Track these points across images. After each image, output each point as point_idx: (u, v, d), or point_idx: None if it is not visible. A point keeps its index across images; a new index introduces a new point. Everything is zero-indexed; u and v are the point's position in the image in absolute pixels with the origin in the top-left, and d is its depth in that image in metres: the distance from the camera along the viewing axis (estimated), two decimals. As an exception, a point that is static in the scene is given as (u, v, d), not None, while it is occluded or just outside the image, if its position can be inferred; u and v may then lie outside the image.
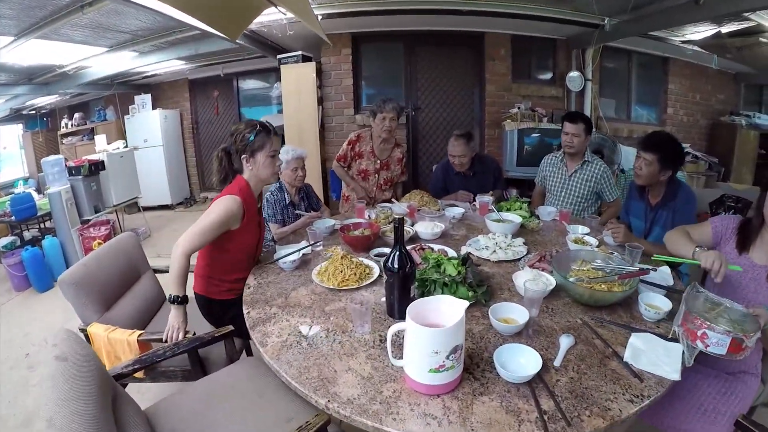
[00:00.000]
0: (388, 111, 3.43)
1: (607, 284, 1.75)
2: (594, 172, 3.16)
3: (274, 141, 2.09)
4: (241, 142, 2.04)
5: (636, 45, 5.74)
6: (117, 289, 2.30)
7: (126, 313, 2.25)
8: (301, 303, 1.79)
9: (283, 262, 2.11)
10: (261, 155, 2.06)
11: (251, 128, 2.04)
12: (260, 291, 1.92)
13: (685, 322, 1.44)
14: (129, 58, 5.69)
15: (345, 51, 5.43)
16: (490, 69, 5.44)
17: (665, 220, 2.53)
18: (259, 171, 2.09)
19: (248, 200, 2.07)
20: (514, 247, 2.19)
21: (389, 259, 1.51)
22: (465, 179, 3.62)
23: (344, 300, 1.79)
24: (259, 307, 1.77)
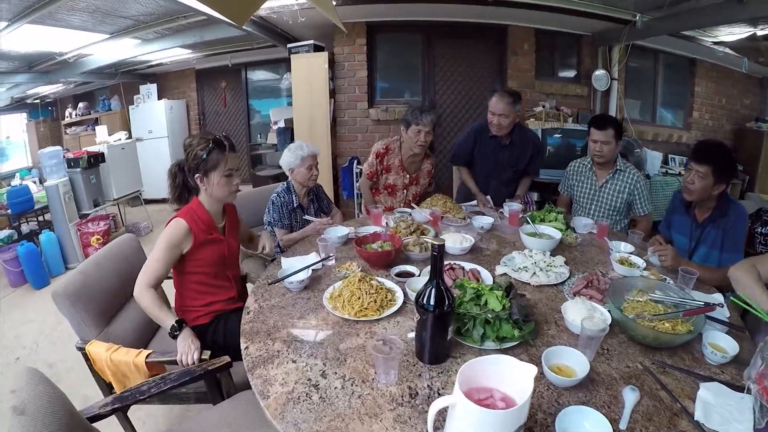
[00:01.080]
0: (425, 124, 2.97)
1: (671, 322, 1.49)
2: (627, 182, 2.86)
3: (230, 159, 1.88)
4: (194, 160, 1.85)
5: (663, 44, 5.45)
6: (118, 299, 2.07)
7: (129, 326, 2.04)
8: (311, 338, 1.51)
9: (289, 282, 1.84)
10: (215, 175, 1.86)
11: (204, 144, 1.83)
12: (261, 318, 1.65)
13: (761, 378, 1.18)
14: (131, 45, 5.49)
15: (359, 41, 5.15)
16: (512, 64, 5.16)
17: (713, 239, 2.27)
18: (214, 192, 1.90)
19: (198, 221, 1.90)
20: (555, 268, 1.93)
21: (424, 295, 1.24)
22: (499, 147, 3.18)
23: (363, 334, 1.51)
24: (259, 340, 1.50)
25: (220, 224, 2.04)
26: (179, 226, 1.83)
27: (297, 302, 1.76)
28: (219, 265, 2.01)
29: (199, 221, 1.89)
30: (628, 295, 1.65)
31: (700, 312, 1.49)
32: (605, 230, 2.47)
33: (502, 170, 3.25)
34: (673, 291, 1.63)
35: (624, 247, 2.24)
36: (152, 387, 1.52)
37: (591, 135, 2.86)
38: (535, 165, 3.31)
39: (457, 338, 1.39)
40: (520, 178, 3.34)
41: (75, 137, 7.93)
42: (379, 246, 2.11)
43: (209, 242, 1.93)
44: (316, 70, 5.06)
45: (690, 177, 2.22)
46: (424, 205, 2.94)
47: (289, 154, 2.78)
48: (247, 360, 1.39)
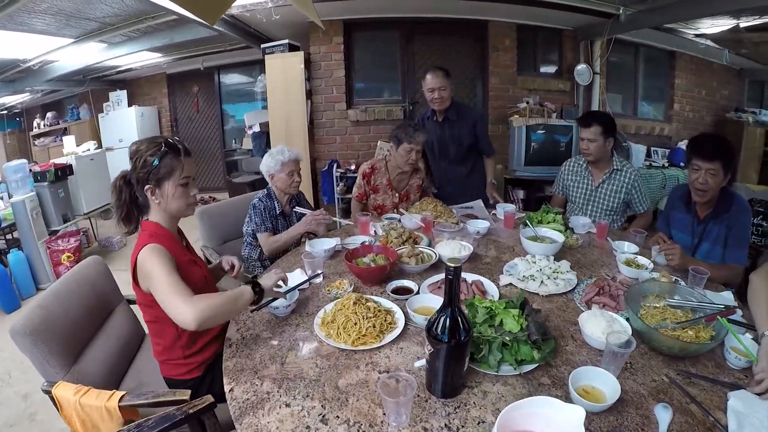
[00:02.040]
0: (418, 143, 2.85)
1: (693, 328, 1.38)
2: (624, 181, 2.75)
3: (186, 164, 1.57)
4: (143, 168, 1.53)
5: (645, 38, 5.47)
6: (85, 332, 1.80)
7: (99, 362, 1.77)
8: (305, 373, 1.31)
9: (274, 308, 1.64)
10: (169, 185, 1.55)
11: (155, 149, 1.53)
12: (245, 351, 1.44)
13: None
14: (98, 50, 5.26)
15: (336, 40, 4.99)
16: (493, 60, 5.08)
17: (716, 236, 2.17)
18: (168, 205, 1.59)
19: (170, 245, 1.57)
20: (562, 275, 1.80)
21: (437, 325, 1.08)
22: (438, 126, 3.19)
23: (363, 366, 1.33)
24: (245, 380, 1.29)
25: (183, 243, 1.76)
26: (157, 249, 1.49)
27: (285, 330, 1.56)
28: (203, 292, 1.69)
29: (169, 242, 1.58)
30: (644, 301, 1.55)
31: (722, 316, 1.39)
32: (605, 230, 2.37)
33: (445, 149, 3.23)
34: (690, 294, 1.53)
35: (628, 248, 2.13)
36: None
37: (579, 133, 2.77)
38: (484, 141, 3.25)
39: (471, 365, 1.24)
40: (470, 157, 3.29)
41: (44, 149, 7.63)
42: (372, 260, 1.93)
43: (189, 265, 1.64)
44: (292, 70, 4.87)
45: (701, 177, 2.07)
46: (413, 210, 2.78)
47: (269, 158, 2.61)
48: (233, 405, 1.19)
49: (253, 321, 1.64)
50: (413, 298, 1.63)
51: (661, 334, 1.31)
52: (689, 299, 1.50)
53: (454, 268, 1.01)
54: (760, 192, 4.37)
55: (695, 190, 2.13)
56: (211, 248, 2.83)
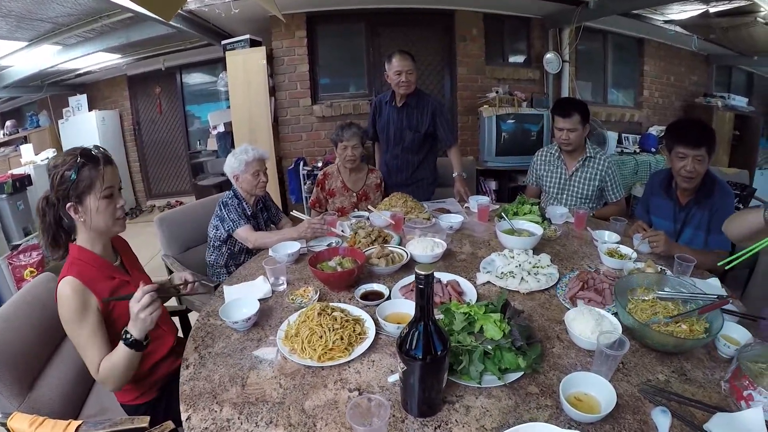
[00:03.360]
0: (348, 139, 2.86)
1: (687, 322, 1.28)
2: (598, 168, 2.68)
3: (107, 173, 1.42)
4: (61, 185, 1.38)
5: (613, 25, 5.43)
6: (39, 357, 1.63)
7: (56, 389, 1.60)
8: (268, 395, 1.17)
9: (233, 321, 1.48)
10: (91, 199, 1.40)
11: (71, 162, 1.38)
12: (204, 373, 1.29)
13: (732, 379, 1.10)
14: (53, 53, 4.99)
15: (299, 33, 4.79)
16: (461, 50, 4.95)
17: (699, 221, 2.10)
18: (93, 221, 1.43)
19: (89, 268, 1.45)
20: (542, 269, 1.69)
21: (409, 340, 0.94)
22: (396, 112, 3.08)
23: (332, 384, 1.19)
24: (203, 406, 1.15)
25: (116, 263, 1.59)
26: (72, 286, 1.38)
27: (246, 346, 1.40)
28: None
29: (91, 269, 1.45)
30: (632, 294, 1.45)
31: (716, 307, 1.30)
32: (584, 219, 2.27)
33: (401, 135, 3.11)
34: (680, 285, 1.44)
35: (608, 237, 2.04)
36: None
37: (555, 123, 2.67)
38: (445, 130, 3.09)
39: (451, 377, 1.11)
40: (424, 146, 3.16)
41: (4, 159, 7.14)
42: (338, 263, 1.77)
43: (117, 289, 1.49)
44: (254, 66, 4.68)
45: (689, 165, 2.00)
46: (382, 206, 2.65)
47: (232, 159, 2.45)
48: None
49: (213, 337, 1.48)
50: (384, 303, 1.49)
51: (653, 331, 1.21)
52: (680, 290, 1.41)
53: (425, 276, 0.87)
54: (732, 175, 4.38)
55: (682, 178, 2.06)
56: (173, 257, 2.65)
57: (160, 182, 7.61)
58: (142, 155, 7.37)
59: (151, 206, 7.40)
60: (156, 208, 7.27)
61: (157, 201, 7.44)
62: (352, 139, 2.86)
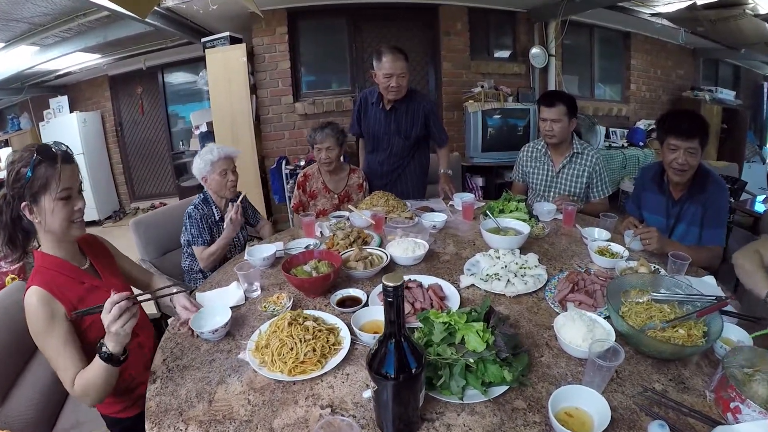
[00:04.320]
0: (321, 141, 2.73)
1: (684, 326, 1.20)
2: (585, 164, 2.58)
3: (65, 173, 1.30)
4: (16, 182, 1.28)
5: (599, 19, 5.38)
6: (10, 370, 1.57)
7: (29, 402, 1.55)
8: (235, 412, 1.09)
9: (211, 331, 1.38)
10: (46, 199, 1.30)
11: (27, 158, 1.27)
12: (170, 387, 1.21)
13: (719, 389, 1.03)
14: (30, 53, 4.82)
15: (280, 30, 4.66)
16: (445, 45, 4.85)
17: (693, 216, 2.02)
18: (48, 224, 1.33)
19: (54, 275, 1.35)
20: (530, 270, 1.59)
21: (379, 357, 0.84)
22: (384, 115, 2.86)
23: (303, 400, 1.10)
24: (168, 423, 1.07)
25: (84, 266, 1.48)
26: (39, 297, 1.28)
27: (215, 358, 1.32)
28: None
29: (57, 276, 1.35)
30: (626, 296, 1.35)
31: (715, 309, 1.22)
32: (573, 216, 2.18)
33: (390, 139, 2.92)
34: (676, 286, 1.35)
35: (598, 234, 1.96)
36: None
37: (540, 113, 2.56)
38: (438, 130, 2.92)
39: (430, 393, 1.02)
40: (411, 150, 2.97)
41: (-13, 163, 7.02)
42: (313, 267, 1.67)
43: (87, 294, 1.39)
44: (234, 64, 4.54)
45: (680, 157, 1.91)
46: (363, 205, 2.55)
47: (198, 160, 2.35)
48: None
49: (182, 348, 1.39)
50: (361, 311, 1.39)
51: (649, 338, 1.12)
52: (675, 291, 1.32)
53: (394, 287, 0.77)
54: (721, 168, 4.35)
55: (674, 171, 1.97)
56: (149, 262, 2.56)
57: (143, 184, 7.46)
58: (125, 156, 7.22)
59: (135, 208, 7.25)
60: (140, 210, 7.12)
61: (141, 203, 7.30)
62: (326, 141, 2.73)
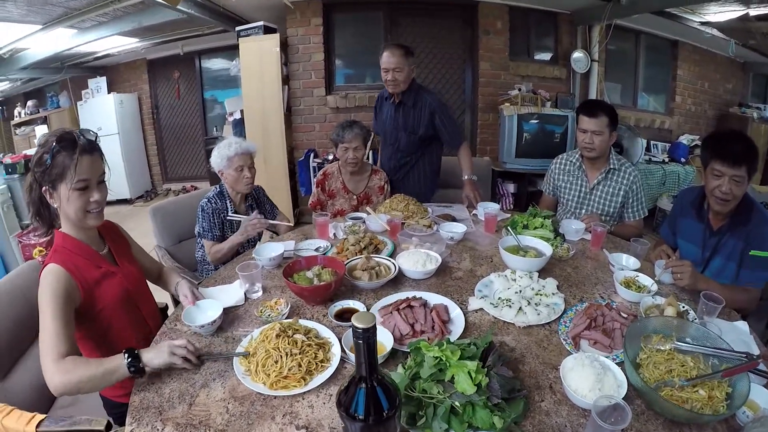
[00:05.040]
0: (349, 140, 2.63)
1: (706, 386, 1.07)
2: (622, 183, 2.40)
3: (82, 164, 1.30)
4: (38, 167, 1.31)
5: (646, 25, 5.08)
6: (16, 346, 1.62)
7: (31, 378, 1.59)
8: (212, 420, 1.07)
9: (199, 326, 1.37)
10: (63, 187, 1.31)
11: (49, 145, 1.29)
12: (156, 384, 1.20)
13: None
14: (68, 36, 4.92)
15: (315, 21, 4.61)
16: (484, 44, 4.69)
17: (732, 250, 1.82)
18: (65, 210, 1.36)
19: (75, 257, 1.37)
20: (546, 298, 1.47)
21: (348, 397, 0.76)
22: (393, 109, 2.88)
23: (280, 417, 1.05)
24: (147, 422, 1.07)
25: (103, 251, 1.51)
26: (56, 273, 1.29)
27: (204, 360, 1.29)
28: (126, 306, 1.49)
29: (76, 257, 1.38)
30: (647, 341, 1.21)
31: (743, 370, 1.07)
32: (601, 238, 2.02)
33: (397, 134, 2.92)
34: (704, 337, 1.19)
35: (626, 261, 1.81)
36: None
37: (580, 123, 2.38)
38: (448, 130, 2.82)
39: (409, 428, 0.93)
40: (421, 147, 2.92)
41: (25, 138, 7.32)
42: (316, 274, 1.59)
43: (103, 279, 1.42)
44: (267, 54, 4.51)
45: (724, 185, 1.73)
46: (382, 208, 2.46)
47: (216, 153, 2.31)
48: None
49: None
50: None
51: (663, 400, 0.99)
52: (703, 343, 1.17)
53: (363, 330, 0.67)
54: (765, 193, 4.05)
55: (716, 200, 1.78)
56: (164, 248, 2.56)
57: (176, 166, 7.59)
58: (159, 139, 7.35)
59: (166, 189, 7.39)
60: (171, 191, 7.25)
61: (173, 185, 7.43)
62: (354, 141, 2.63)
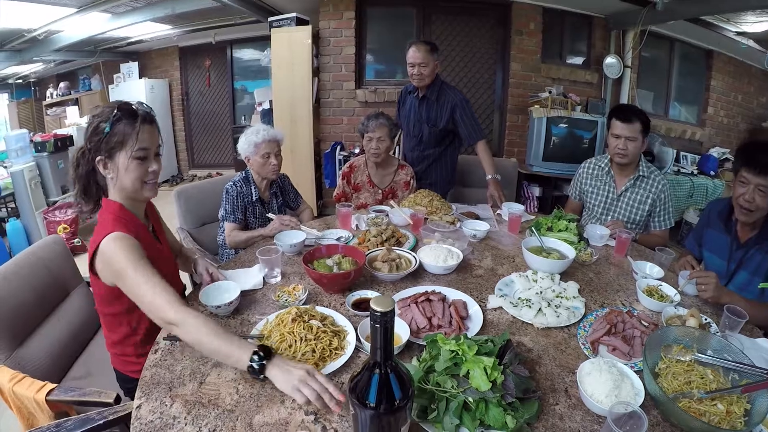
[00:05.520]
0: (373, 130, 2.65)
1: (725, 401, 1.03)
2: (651, 190, 2.33)
3: (143, 132, 1.33)
4: (94, 135, 1.31)
5: (681, 32, 4.96)
6: (33, 316, 1.67)
7: (45, 348, 1.64)
8: (221, 399, 1.07)
9: (215, 306, 1.39)
10: (121, 156, 1.32)
11: (108, 113, 1.30)
12: (168, 361, 1.21)
13: None
14: (103, 20, 5.05)
15: (347, 15, 4.63)
16: (516, 44, 4.64)
17: (758, 265, 1.77)
18: (121, 181, 1.35)
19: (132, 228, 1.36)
20: (566, 301, 1.45)
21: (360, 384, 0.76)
22: (417, 103, 2.96)
23: (289, 401, 1.05)
24: (156, 397, 1.08)
25: (150, 228, 1.53)
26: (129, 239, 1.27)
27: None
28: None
29: (136, 229, 1.37)
30: (667, 351, 1.18)
31: (764, 386, 1.03)
32: (626, 245, 1.98)
33: (420, 127, 3.00)
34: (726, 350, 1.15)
35: (650, 270, 1.76)
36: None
37: (613, 128, 2.31)
38: (467, 126, 2.83)
39: (420, 422, 0.93)
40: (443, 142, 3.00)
41: (56, 118, 7.51)
42: (336, 262, 1.60)
43: (154, 255, 1.39)
44: (298, 45, 4.54)
45: (748, 194, 1.69)
46: (406, 202, 2.46)
47: (243, 140, 2.33)
48: (134, 426, 0.99)
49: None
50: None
51: (681, 410, 0.97)
52: (724, 357, 1.14)
53: (382, 314, 0.68)
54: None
55: (739, 208, 1.75)
56: (187, 230, 2.61)
57: (203, 153, 7.72)
58: (188, 125, 7.48)
59: (192, 175, 7.50)
60: (197, 177, 7.36)
61: (199, 171, 7.55)
62: (378, 131, 2.64)
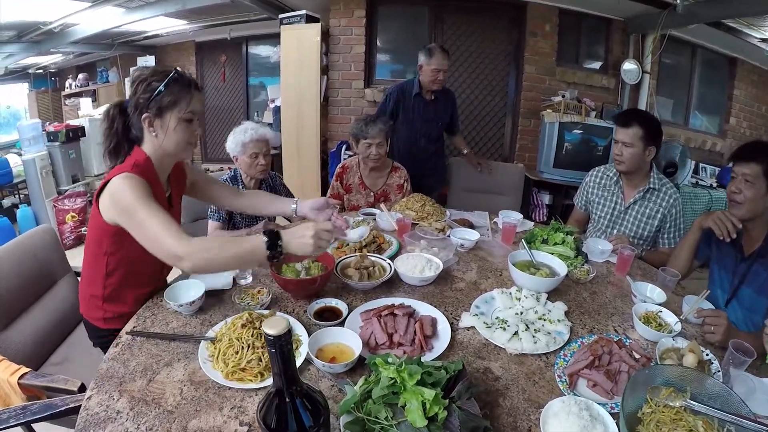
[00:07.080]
0: (372, 136, 2.57)
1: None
2: (661, 204, 2.19)
3: (195, 98, 1.39)
4: (144, 93, 1.33)
5: (703, 38, 4.73)
6: (18, 303, 1.72)
7: (28, 334, 1.70)
8: (164, 399, 1.06)
9: (178, 305, 1.36)
10: (172, 116, 1.35)
11: (162, 74, 1.34)
12: (126, 355, 1.22)
13: None
14: (117, 14, 5.11)
15: (358, 13, 4.54)
16: (531, 46, 4.48)
17: (763, 282, 1.61)
18: (166, 140, 1.38)
19: (153, 185, 1.36)
20: (549, 324, 1.32)
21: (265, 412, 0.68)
22: (426, 104, 3.23)
23: (227, 409, 1.03)
24: (107, 390, 1.09)
25: (167, 193, 1.53)
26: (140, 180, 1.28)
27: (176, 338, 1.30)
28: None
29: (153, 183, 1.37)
30: (655, 393, 1.00)
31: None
32: (628, 263, 1.82)
33: (430, 127, 3.32)
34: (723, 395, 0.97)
35: (650, 292, 1.59)
36: (11, 417, 1.18)
37: (614, 133, 2.25)
38: (456, 120, 3.48)
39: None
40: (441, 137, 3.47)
41: (73, 108, 7.64)
42: (305, 267, 1.51)
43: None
44: (307, 43, 4.47)
45: (734, 185, 1.63)
46: (398, 206, 2.37)
47: (231, 138, 2.29)
48: (81, 416, 1.00)
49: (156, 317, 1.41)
50: (325, 330, 1.22)
51: None
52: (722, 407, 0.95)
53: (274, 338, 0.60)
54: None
55: (729, 204, 1.67)
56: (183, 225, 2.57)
57: (216, 147, 7.75)
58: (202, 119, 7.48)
59: (205, 169, 7.52)
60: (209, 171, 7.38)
61: (211, 165, 7.56)
62: (378, 136, 2.55)
